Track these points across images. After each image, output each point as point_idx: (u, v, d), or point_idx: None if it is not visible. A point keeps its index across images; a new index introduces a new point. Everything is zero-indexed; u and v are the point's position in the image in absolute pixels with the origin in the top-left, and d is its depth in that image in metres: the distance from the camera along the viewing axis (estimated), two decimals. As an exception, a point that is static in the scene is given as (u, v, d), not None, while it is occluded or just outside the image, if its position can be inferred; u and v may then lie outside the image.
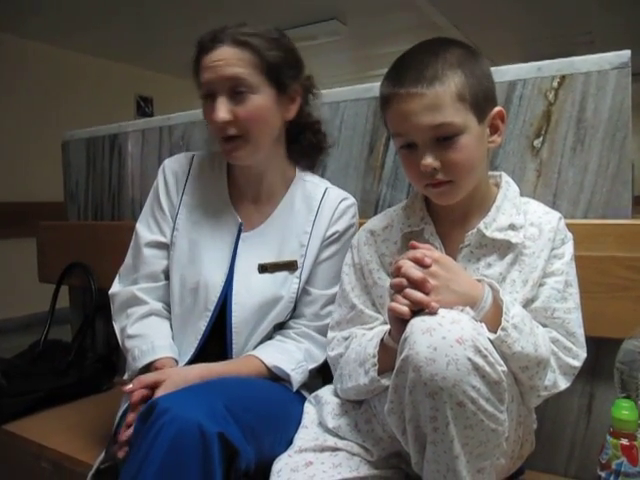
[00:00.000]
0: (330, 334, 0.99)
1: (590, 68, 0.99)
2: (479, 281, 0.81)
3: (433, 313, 0.72)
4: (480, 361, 0.68)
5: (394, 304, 0.75)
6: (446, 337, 0.68)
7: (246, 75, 0.97)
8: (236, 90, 0.97)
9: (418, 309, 0.74)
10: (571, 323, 0.86)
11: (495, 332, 0.74)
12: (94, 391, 1.55)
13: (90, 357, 1.60)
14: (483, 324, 0.74)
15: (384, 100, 0.86)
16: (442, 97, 0.79)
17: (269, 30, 1.03)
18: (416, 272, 0.75)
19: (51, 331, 1.67)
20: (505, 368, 0.72)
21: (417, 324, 0.71)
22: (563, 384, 0.86)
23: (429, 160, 0.81)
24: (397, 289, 0.76)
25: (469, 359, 0.67)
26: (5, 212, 4.14)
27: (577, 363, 0.86)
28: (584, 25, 4.26)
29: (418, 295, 0.74)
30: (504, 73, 1.06)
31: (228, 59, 0.97)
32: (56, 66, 4.54)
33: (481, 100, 0.82)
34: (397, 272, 0.77)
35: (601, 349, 1.00)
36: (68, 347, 1.62)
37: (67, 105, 4.50)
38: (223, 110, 0.97)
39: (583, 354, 0.87)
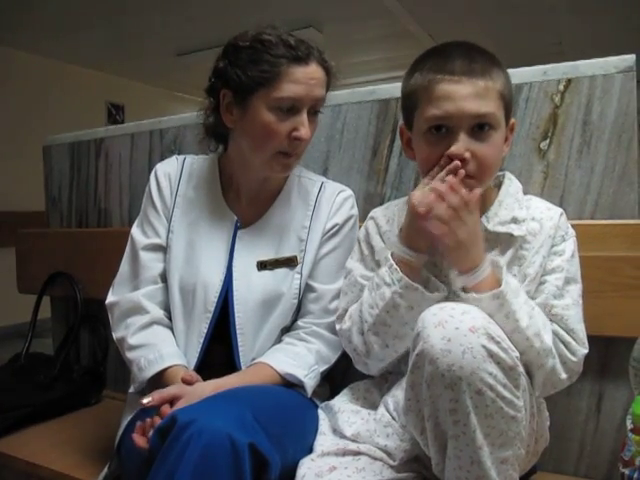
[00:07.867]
0: (337, 325, 0.97)
1: (595, 72, 1.01)
2: None
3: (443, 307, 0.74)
4: (494, 347, 0.69)
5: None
6: (459, 327, 0.70)
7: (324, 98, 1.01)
8: (315, 110, 1.00)
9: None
10: (570, 319, 0.85)
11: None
12: (82, 405, 1.49)
13: (77, 370, 1.54)
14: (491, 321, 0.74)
15: (423, 86, 0.84)
16: (491, 90, 0.82)
17: None
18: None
19: (31, 344, 1.59)
20: (518, 353, 0.73)
21: (428, 318, 0.73)
22: (563, 373, 0.83)
23: (461, 148, 0.81)
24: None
25: (483, 346, 0.69)
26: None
27: (575, 359, 0.84)
28: (554, 36, 4.39)
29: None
30: (510, 76, 1.07)
31: (320, 79, 0.98)
32: (25, 72, 4.40)
33: (509, 105, 0.86)
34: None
35: (610, 348, 1.01)
36: (51, 360, 1.55)
37: (36, 112, 4.36)
38: (306, 129, 0.97)
39: (583, 350, 0.85)
